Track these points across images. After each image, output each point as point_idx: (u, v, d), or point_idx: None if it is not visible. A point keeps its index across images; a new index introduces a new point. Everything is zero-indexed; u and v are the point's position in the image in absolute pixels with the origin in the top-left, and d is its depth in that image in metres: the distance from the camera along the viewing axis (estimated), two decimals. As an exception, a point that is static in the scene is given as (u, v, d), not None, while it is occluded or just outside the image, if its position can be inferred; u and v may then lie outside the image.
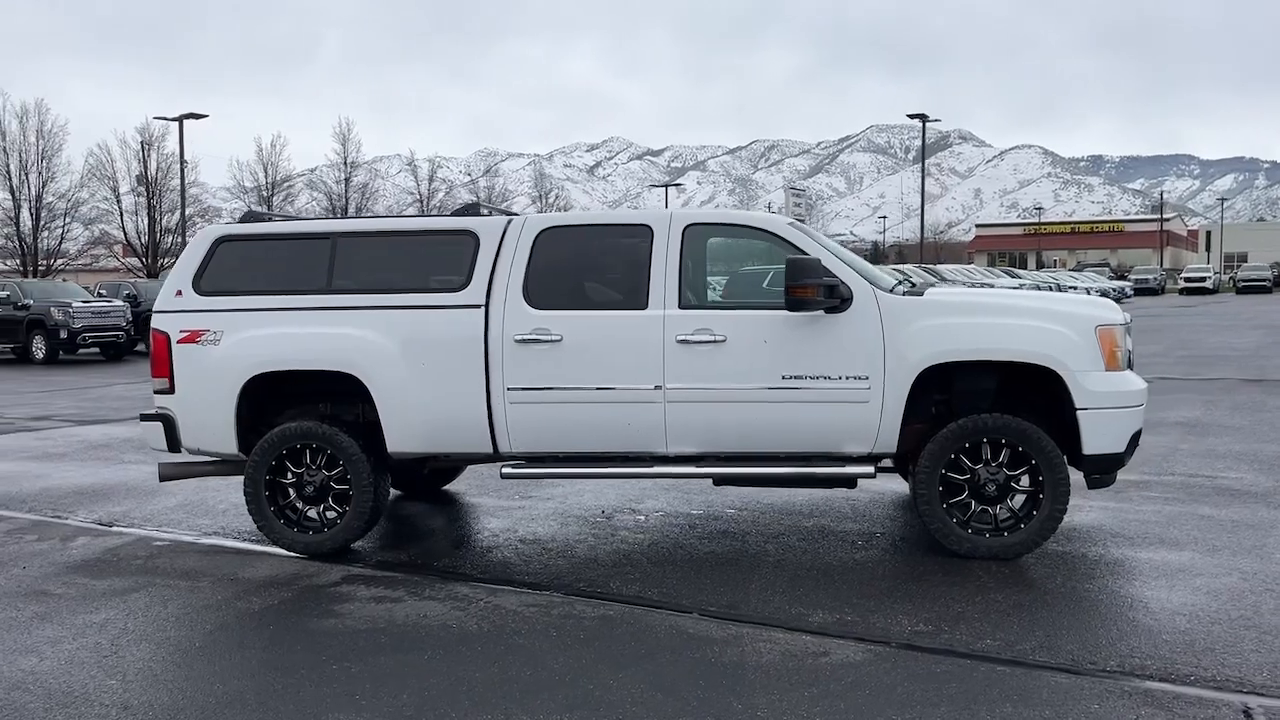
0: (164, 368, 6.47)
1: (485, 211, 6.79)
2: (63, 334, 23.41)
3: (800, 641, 4.65)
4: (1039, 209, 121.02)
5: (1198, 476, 8.05)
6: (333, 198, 58.39)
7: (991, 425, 5.85)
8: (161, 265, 51.04)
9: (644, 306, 6.10)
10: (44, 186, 46.42)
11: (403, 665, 4.47)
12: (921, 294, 6.14)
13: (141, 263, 49.15)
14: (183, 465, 6.70)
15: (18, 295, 24.45)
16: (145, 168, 51.85)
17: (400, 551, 6.47)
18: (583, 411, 6.15)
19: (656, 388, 6.04)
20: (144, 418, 6.63)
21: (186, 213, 50.99)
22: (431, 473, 7.83)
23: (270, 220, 7.17)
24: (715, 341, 6.00)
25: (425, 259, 6.44)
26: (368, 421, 6.38)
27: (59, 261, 47.74)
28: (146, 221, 49.72)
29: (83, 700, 4.15)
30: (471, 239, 6.36)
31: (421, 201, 62.86)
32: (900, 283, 6.53)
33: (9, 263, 47.28)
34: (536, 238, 6.33)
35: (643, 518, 7.15)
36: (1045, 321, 5.91)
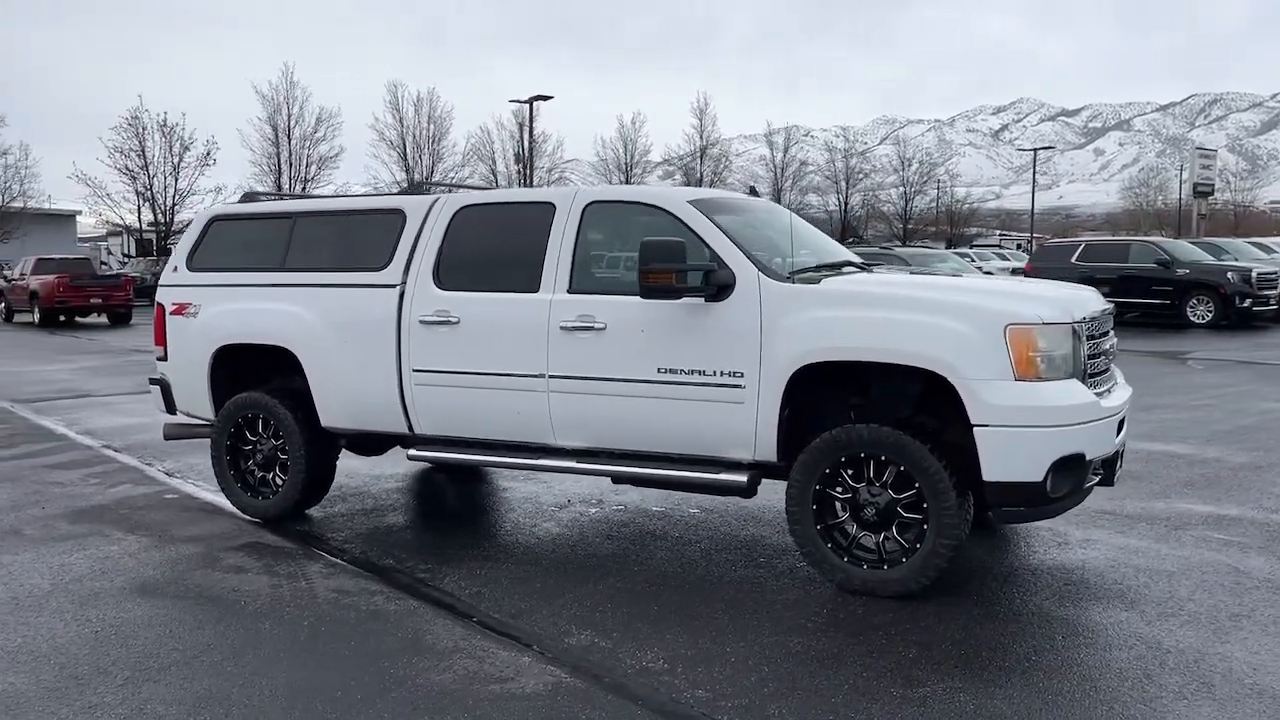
0: (160, 337, 7.08)
1: (427, 190, 6.75)
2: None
3: (508, 664, 4.25)
4: None
5: (1324, 517, 6.31)
6: (688, 173, 60.07)
7: (867, 438, 4.96)
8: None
9: (536, 290, 5.80)
10: (433, 166, 51.78)
11: (141, 629, 4.66)
12: (818, 281, 5.31)
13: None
14: (183, 426, 7.31)
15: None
16: (522, 146, 56.24)
17: (330, 524, 6.63)
18: (477, 397, 5.97)
19: (540, 376, 5.74)
20: (151, 381, 7.30)
21: (548, 188, 54.83)
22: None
23: (260, 200, 7.55)
24: (595, 329, 5.57)
25: (362, 238, 6.50)
26: (307, 395, 6.59)
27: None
28: (518, 196, 53.94)
29: (-125, 632, 4.71)
30: (400, 218, 6.36)
31: (775, 174, 63.05)
32: (819, 268, 5.68)
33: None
34: (453, 217, 6.21)
35: (594, 510, 6.82)
36: (939, 317, 4.88)
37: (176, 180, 44.55)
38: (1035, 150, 63.41)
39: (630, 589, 5.19)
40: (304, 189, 48.01)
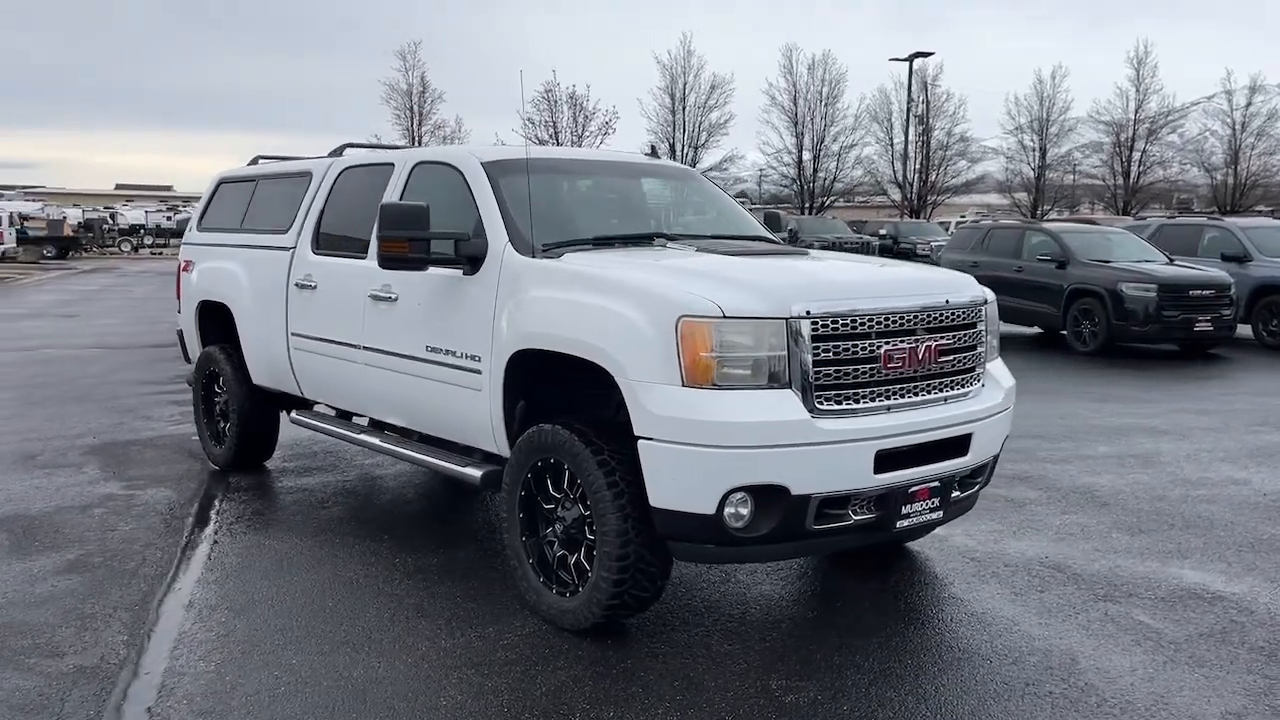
0: (178, 291, 7.67)
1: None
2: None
3: (81, 641, 4.13)
4: None
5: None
6: (1119, 131, 53.96)
7: (549, 441, 4.20)
8: (933, 203, 52.98)
9: (365, 255, 5.54)
10: (824, 130, 51.05)
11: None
12: (560, 256, 4.53)
13: (905, 200, 51.45)
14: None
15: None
16: (927, 107, 53.72)
17: (257, 477, 6.81)
18: (323, 364, 5.87)
19: (358, 347, 5.50)
20: (176, 332, 7.92)
21: (949, 153, 52.05)
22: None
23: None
24: (390, 300, 5.23)
25: (284, 200, 6.53)
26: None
27: (830, 200, 52.34)
28: (916, 160, 51.73)
29: None
30: (307, 181, 6.36)
31: (1234, 132, 54.75)
32: (601, 240, 4.82)
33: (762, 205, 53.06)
34: (336, 179, 6.09)
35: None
36: (619, 301, 3.99)
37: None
38: None
39: (354, 581, 4.83)
40: (694, 155, 49.49)
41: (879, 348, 3.96)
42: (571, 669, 3.85)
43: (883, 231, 31.01)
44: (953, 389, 4.23)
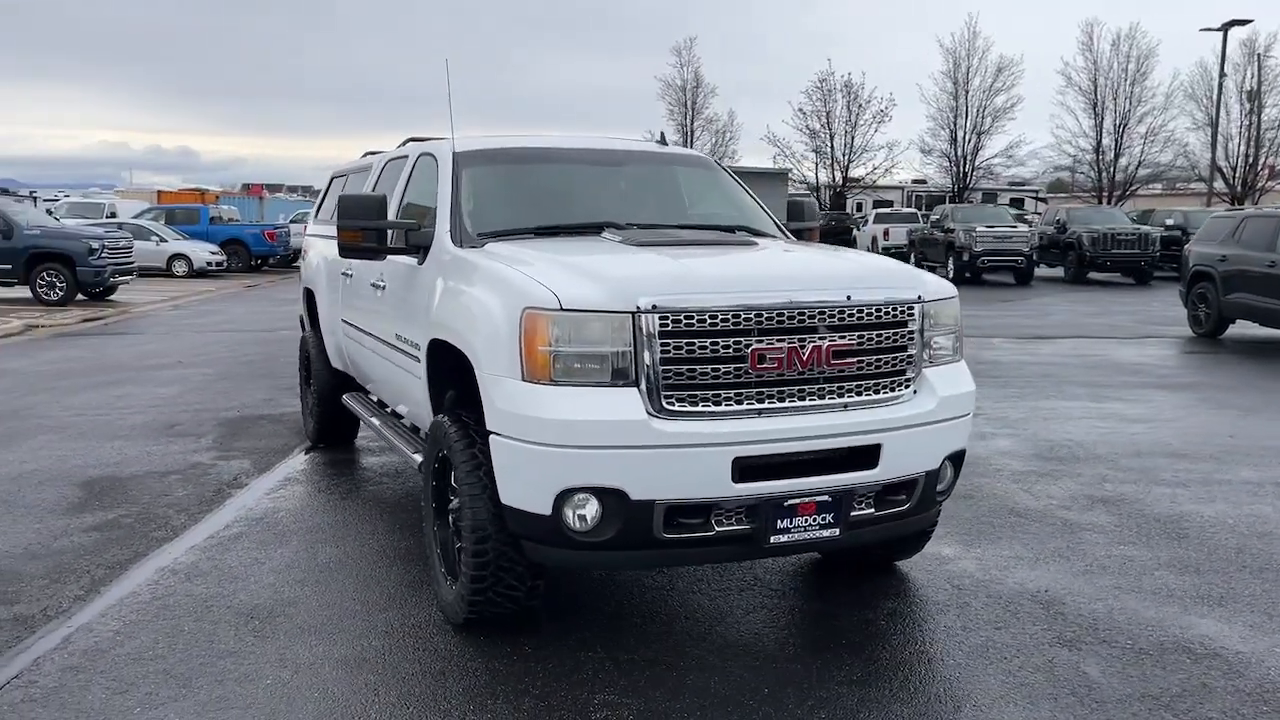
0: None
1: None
2: (964, 256, 25.47)
3: (37, 590, 4.57)
4: None
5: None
6: None
7: (439, 431, 4.17)
8: (1259, 190, 47.37)
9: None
10: (1129, 111, 46.83)
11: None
12: (483, 246, 4.47)
13: (1227, 185, 46.30)
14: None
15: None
16: (1258, 82, 48.13)
17: (336, 452, 7.21)
18: (354, 349, 6.14)
19: (366, 333, 5.72)
20: (299, 316, 8.51)
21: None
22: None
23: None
24: (380, 288, 5.41)
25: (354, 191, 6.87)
26: (326, 335, 7.22)
27: (1134, 187, 47.86)
28: (1240, 142, 46.45)
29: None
30: (368, 173, 6.65)
31: None
32: (528, 231, 4.67)
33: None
34: (381, 171, 6.33)
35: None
36: (485, 292, 3.93)
37: (852, 139, 46.69)
38: None
39: (316, 560, 5.01)
40: (977, 142, 47.08)
41: (746, 346, 3.61)
42: (406, 667, 3.79)
43: (1169, 221, 27.99)
44: (859, 394, 3.78)
